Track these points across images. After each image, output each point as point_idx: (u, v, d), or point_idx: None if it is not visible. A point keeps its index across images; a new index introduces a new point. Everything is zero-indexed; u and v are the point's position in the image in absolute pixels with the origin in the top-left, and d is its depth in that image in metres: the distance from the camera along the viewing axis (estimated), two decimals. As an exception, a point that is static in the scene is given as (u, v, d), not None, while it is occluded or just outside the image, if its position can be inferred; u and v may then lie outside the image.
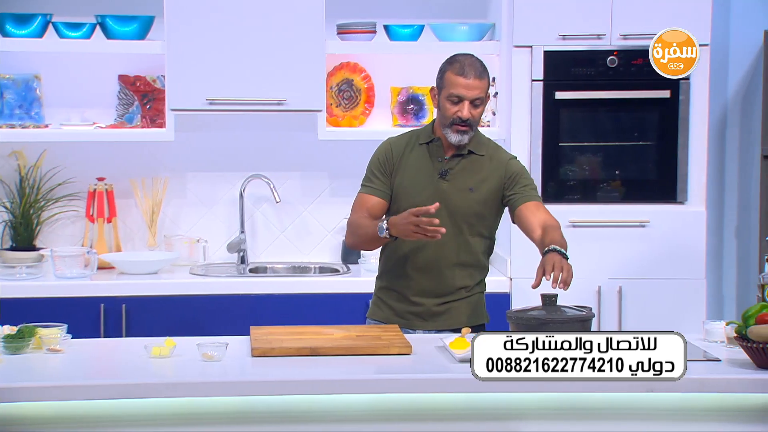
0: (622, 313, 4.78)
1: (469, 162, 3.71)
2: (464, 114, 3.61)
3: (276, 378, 3.08)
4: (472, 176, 3.69)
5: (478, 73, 3.62)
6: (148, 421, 3.07)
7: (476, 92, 3.61)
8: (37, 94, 5.02)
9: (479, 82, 3.61)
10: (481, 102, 3.64)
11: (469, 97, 3.61)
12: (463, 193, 3.68)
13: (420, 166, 3.71)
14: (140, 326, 4.57)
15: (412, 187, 3.70)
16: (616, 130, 4.89)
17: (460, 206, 3.67)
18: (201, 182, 5.18)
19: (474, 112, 3.63)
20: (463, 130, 3.64)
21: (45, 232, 5.08)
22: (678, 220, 4.82)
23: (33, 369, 3.17)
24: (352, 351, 3.30)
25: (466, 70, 3.62)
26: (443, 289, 3.72)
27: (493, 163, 3.71)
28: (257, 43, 4.78)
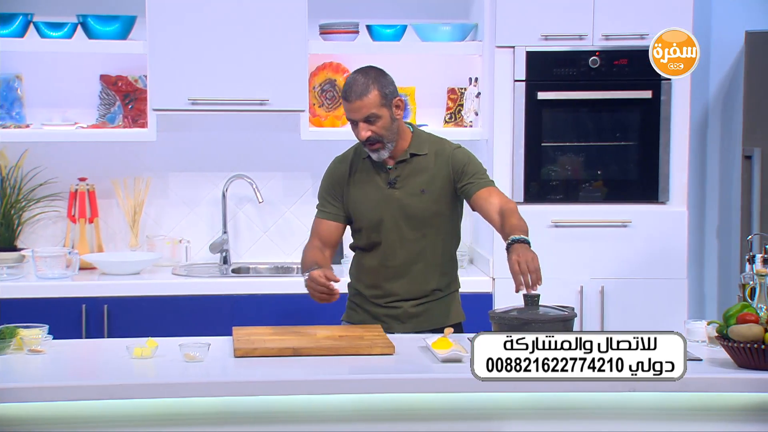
0: (604, 312, 4.79)
1: (414, 164, 3.68)
2: (361, 135, 3.60)
3: (258, 378, 3.08)
4: (421, 178, 3.68)
5: (358, 94, 3.56)
6: (131, 422, 3.06)
7: (363, 111, 3.56)
8: (18, 94, 5.00)
9: (361, 101, 3.55)
10: (376, 116, 3.57)
11: (358, 119, 3.58)
12: (415, 196, 3.67)
13: (368, 180, 3.71)
14: (122, 327, 4.55)
15: (365, 202, 3.70)
16: (598, 131, 4.90)
17: (417, 210, 3.67)
18: (183, 182, 5.17)
19: (373, 128, 3.57)
20: (375, 147, 3.61)
21: (26, 233, 5.06)
22: (659, 220, 4.84)
23: (14, 370, 3.16)
24: (334, 351, 3.30)
25: (347, 93, 3.59)
26: (417, 292, 3.72)
27: (438, 160, 3.68)
28: (240, 42, 4.78)
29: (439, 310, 3.76)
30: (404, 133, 3.69)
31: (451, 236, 3.78)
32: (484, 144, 5.00)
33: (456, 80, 5.18)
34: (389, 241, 3.68)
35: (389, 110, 3.60)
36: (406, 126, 3.74)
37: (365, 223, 3.71)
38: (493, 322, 3.28)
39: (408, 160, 3.68)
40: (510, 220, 3.53)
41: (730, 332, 3.16)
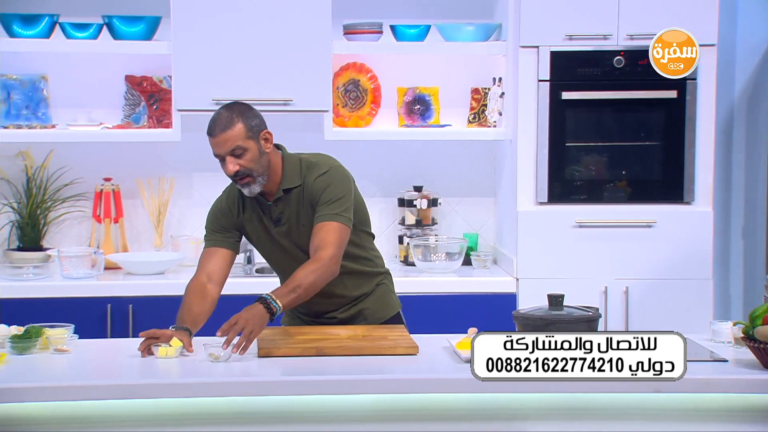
0: (628, 313, 4.77)
1: (291, 198, 3.56)
2: (228, 170, 3.46)
3: (281, 378, 3.08)
4: (299, 211, 3.56)
5: (222, 127, 3.44)
6: (155, 422, 3.07)
7: (228, 145, 3.43)
8: (44, 95, 5.03)
9: (224, 134, 3.43)
10: (243, 149, 3.45)
11: (223, 153, 3.45)
12: (299, 231, 3.57)
13: (255, 219, 3.61)
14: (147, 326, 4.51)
15: (259, 239, 3.63)
16: (623, 131, 4.88)
17: (303, 242, 3.55)
18: (207, 182, 5.18)
19: (241, 161, 3.45)
20: (245, 182, 3.49)
21: (52, 233, 5.09)
22: (685, 220, 4.81)
23: (40, 369, 3.17)
24: (357, 351, 3.30)
25: (211, 128, 3.47)
26: (342, 302, 3.67)
27: (305, 191, 3.55)
28: (264, 43, 4.79)
29: (372, 307, 3.71)
30: (276, 166, 3.54)
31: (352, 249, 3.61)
32: (508, 144, 4.99)
33: (480, 80, 5.18)
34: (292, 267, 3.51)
35: (256, 143, 3.47)
36: (278, 157, 3.57)
37: (264, 257, 3.70)
38: (517, 323, 3.27)
39: (282, 197, 3.56)
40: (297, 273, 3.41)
41: (756, 333, 3.14)
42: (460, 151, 5.27)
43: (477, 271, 4.96)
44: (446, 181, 5.27)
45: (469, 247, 5.06)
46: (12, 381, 3.03)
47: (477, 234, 5.26)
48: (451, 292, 4.75)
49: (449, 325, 4.36)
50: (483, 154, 5.28)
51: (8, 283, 4.61)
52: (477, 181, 5.30)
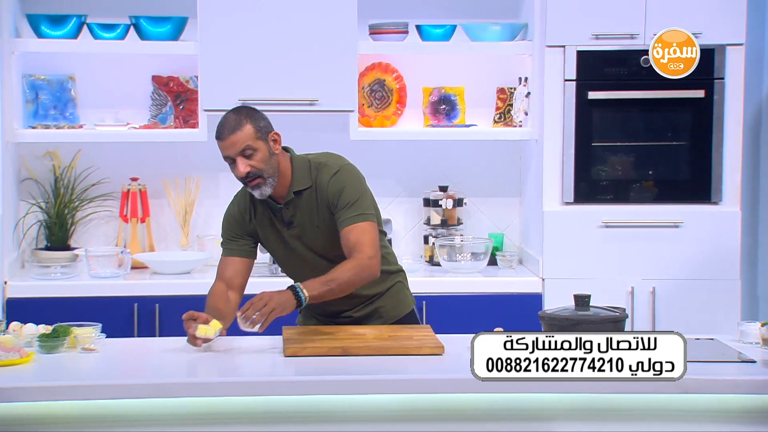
0: (655, 314, 4.75)
1: (302, 201, 3.55)
2: (239, 171, 3.47)
3: (308, 378, 3.09)
4: (311, 213, 3.55)
5: (231, 129, 3.46)
6: (181, 420, 3.09)
7: (238, 146, 3.45)
8: (71, 95, 5.06)
9: (234, 136, 3.45)
10: (253, 150, 3.46)
11: (234, 154, 3.46)
12: (312, 233, 3.56)
13: (267, 223, 3.62)
14: (173, 326, 4.56)
15: (269, 242, 3.64)
16: (650, 130, 4.86)
17: (319, 244, 3.57)
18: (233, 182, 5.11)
19: (252, 162, 3.46)
20: (255, 183, 3.50)
21: (79, 232, 5.12)
22: (712, 220, 4.78)
23: (67, 368, 3.19)
24: (383, 351, 3.30)
25: (219, 131, 3.49)
26: (357, 300, 3.66)
27: (318, 192, 3.55)
28: (289, 43, 4.79)
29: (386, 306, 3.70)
30: (285, 169, 3.55)
31: None
32: (534, 144, 4.97)
33: (506, 80, 5.17)
34: (305, 274, 3.51)
35: (266, 144, 3.48)
36: (286, 159, 3.59)
37: (278, 261, 3.73)
38: (543, 323, 3.26)
39: (293, 199, 3.55)
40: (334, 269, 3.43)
41: (784, 334, 3.12)
42: (485, 151, 5.26)
43: (502, 272, 4.95)
44: (472, 181, 5.26)
45: (495, 247, 5.05)
46: (40, 380, 3.05)
47: (502, 234, 5.25)
48: (476, 293, 4.75)
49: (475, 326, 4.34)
50: (509, 154, 5.27)
51: (36, 282, 4.64)
52: (502, 181, 5.29)
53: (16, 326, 3.43)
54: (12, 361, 3.15)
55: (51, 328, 3.37)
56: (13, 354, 3.17)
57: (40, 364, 3.19)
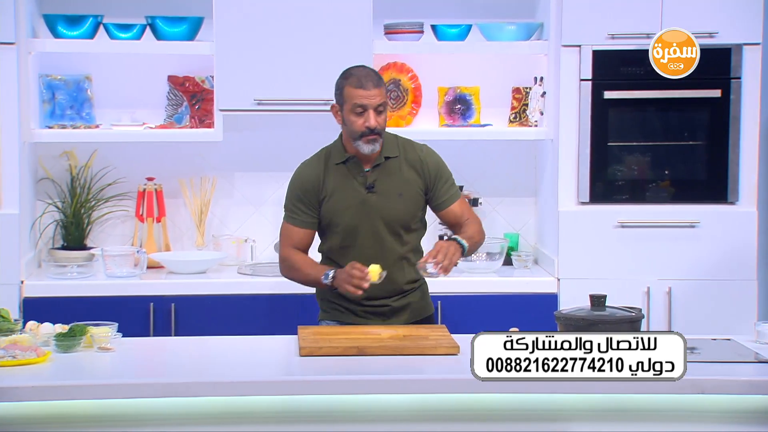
0: (671, 314, 4.74)
1: (389, 167, 3.75)
2: (372, 123, 3.65)
3: (324, 377, 3.09)
4: (396, 180, 3.74)
5: (375, 82, 3.68)
6: (197, 420, 3.09)
7: (377, 99, 3.66)
8: (88, 95, 5.07)
9: (377, 90, 3.67)
10: (384, 108, 3.69)
11: (372, 105, 3.65)
12: (392, 200, 3.73)
13: (345, 185, 3.74)
14: (189, 325, 4.60)
15: (342, 208, 3.73)
16: (666, 130, 4.85)
17: (393, 213, 3.72)
18: (249, 182, 5.21)
19: (380, 119, 3.68)
20: (373, 138, 3.68)
21: (95, 232, 5.13)
22: (729, 220, 4.77)
23: (84, 367, 3.20)
24: (399, 351, 3.30)
25: (363, 81, 3.67)
26: (393, 290, 3.76)
27: (408, 161, 3.77)
28: (305, 43, 4.80)
29: (417, 303, 3.84)
30: None
31: (420, 233, 3.87)
32: (549, 144, 4.97)
33: (521, 80, 5.16)
34: (367, 244, 3.70)
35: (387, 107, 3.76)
36: None
37: (342, 227, 3.75)
38: (558, 323, 3.26)
39: (383, 163, 3.74)
40: (465, 229, 3.79)
41: (801, 335, 3.11)
42: (500, 151, 5.25)
43: (518, 271, 4.94)
44: (487, 180, 5.25)
45: (510, 247, 5.05)
46: (57, 379, 3.06)
47: (518, 234, 5.24)
48: (491, 292, 4.74)
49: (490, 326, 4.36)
50: (524, 154, 5.26)
51: (53, 281, 4.66)
52: (518, 180, 5.28)
53: (32, 325, 3.44)
54: (29, 360, 3.16)
55: (67, 328, 3.38)
56: (29, 353, 3.18)
57: (57, 363, 3.21)
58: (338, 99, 3.75)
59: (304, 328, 3.57)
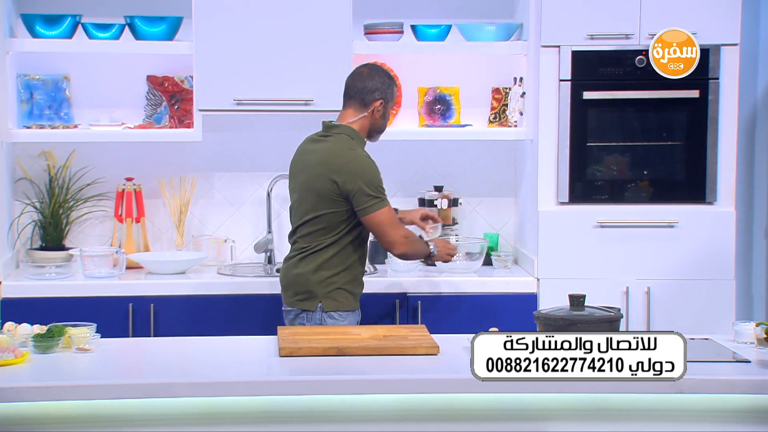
0: (650, 314, 4.76)
1: None
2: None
3: (303, 378, 3.09)
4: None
5: None
6: (176, 420, 3.09)
7: None
8: (66, 95, 5.05)
9: None
10: None
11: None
12: None
13: None
14: (168, 325, 4.59)
15: None
16: (645, 130, 4.86)
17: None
18: (228, 182, 5.20)
19: None
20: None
21: (74, 232, 5.11)
22: (707, 220, 4.79)
23: (62, 368, 3.19)
24: (379, 351, 3.30)
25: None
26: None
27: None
28: (285, 43, 4.79)
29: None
30: None
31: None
32: (529, 144, 4.98)
33: (501, 80, 5.17)
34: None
35: None
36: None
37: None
38: (538, 323, 3.26)
39: None
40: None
41: (779, 334, 3.12)
42: (480, 151, 5.26)
43: (498, 271, 4.95)
44: (467, 181, 5.26)
45: (490, 247, 5.05)
46: (35, 380, 3.05)
47: (498, 234, 5.25)
48: (471, 293, 4.75)
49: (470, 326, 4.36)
50: (504, 154, 5.27)
51: (31, 282, 4.63)
52: (498, 181, 5.29)
53: (10, 326, 3.43)
54: (7, 361, 3.15)
55: (46, 328, 3.37)
56: (7, 354, 3.17)
57: (35, 364, 3.19)
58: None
59: (284, 329, 3.57)
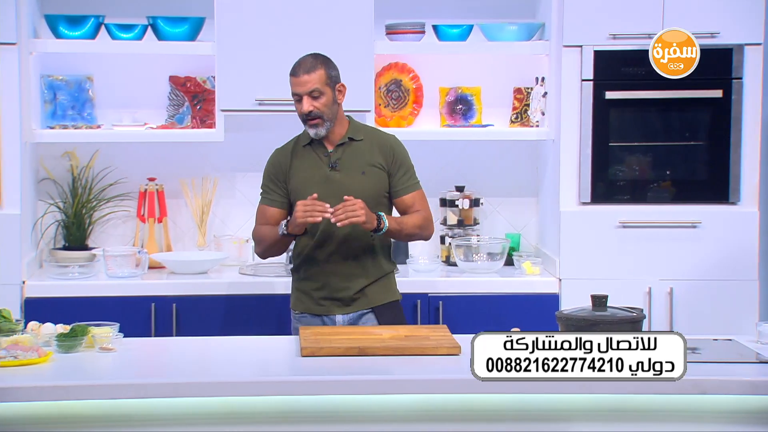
0: (672, 314, 4.74)
1: (353, 148, 3.92)
2: (303, 108, 3.83)
3: (325, 377, 3.09)
4: (360, 160, 3.90)
5: (306, 69, 3.85)
6: (199, 420, 3.10)
7: (308, 86, 3.82)
8: (89, 95, 5.07)
9: (308, 76, 3.83)
10: (320, 93, 3.84)
11: (303, 92, 3.83)
12: (355, 178, 3.88)
13: (309, 165, 3.93)
14: (190, 325, 4.60)
15: (307, 185, 3.88)
16: (667, 130, 4.85)
17: (356, 191, 3.83)
18: (250, 182, 5.20)
19: (316, 103, 3.83)
20: (314, 123, 3.86)
21: (97, 232, 5.13)
22: (730, 220, 4.77)
23: (85, 367, 3.21)
24: (400, 351, 3.30)
25: (295, 69, 3.87)
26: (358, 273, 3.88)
27: (374, 146, 3.93)
28: (306, 43, 4.79)
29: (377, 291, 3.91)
30: (343, 120, 3.95)
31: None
32: (551, 144, 4.97)
33: (522, 80, 5.16)
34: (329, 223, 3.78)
35: (332, 91, 3.87)
36: (345, 115, 3.98)
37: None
38: (560, 323, 3.26)
39: (347, 143, 3.91)
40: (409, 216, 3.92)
41: (803, 335, 3.11)
42: (502, 151, 5.25)
43: (519, 272, 4.94)
44: (488, 181, 5.25)
45: (511, 248, 5.05)
46: (58, 379, 3.06)
47: (519, 234, 5.24)
48: (493, 293, 4.74)
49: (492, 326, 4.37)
50: (525, 154, 5.26)
51: (54, 282, 4.66)
52: (519, 181, 5.28)
53: (34, 326, 3.45)
54: (30, 360, 3.16)
55: (69, 328, 3.38)
56: (31, 353, 3.18)
57: (58, 363, 3.21)
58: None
59: (306, 329, 3.57)
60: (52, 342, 3.34)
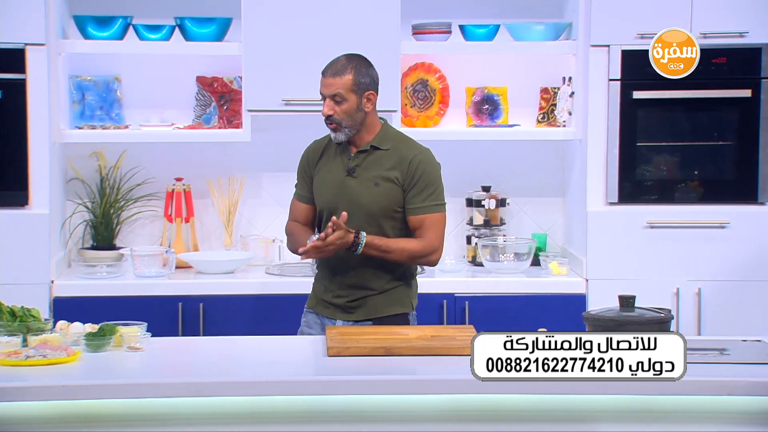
0: (701, 315, 4.71)
1: (375, 157, 3.78)
2: (324, 111, 3.73)
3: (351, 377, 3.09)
4: (377, 171, 3.77)
5: (334, 72, 3.73)
6: (225, 419, 3.10)
7: (331, 89, 3.71)
8: (117, 96, 5.10)
9: (333, 79, 3.72)
10: (343, 98, 3.71)
11: (327, 94, 3.72)
12: (368, 188, 3.76)
13: (331, 167, 3.83)
14: (217, 325, 4.62)
15: (323, 186, 3.83)
16: (695, 130, 4.82)
17: (367, 201, 3.74)
18: (276, 182, 5.22)
19: (337, 108, 3.71)
20: (332, 127, 3.76)
21: (124, 232, 5.16)
22: (759, 220, 4.74)
23: (113, 367, 3.22)
24: (426, 351, 3.30)
25: (326, 68, 3.77)
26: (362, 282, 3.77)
27: (395, 158, 3.76)
28: (333, 43, 4.79)
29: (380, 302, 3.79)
30: (372, 126, 3.79)
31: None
32: (578, 144, 4.95)
33: (549, 80, 5.14)
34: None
35: (358, 99, 3.73)
36: (379, 122, 3.82)
37: (322, 205, 3.84)
38: (587, 324, 3.24)
39: (368, 151, 3.78)
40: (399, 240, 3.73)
41: (832, 337, 3.08)
42: (528, 151, 5.24)
43: (546, 272, 4.93)
44: (515, 181, 5.24)
45: (538, 248, 5.03)
46: (86, 378, 3.08)
47: (546, 234, 5.23)
48: (519, 293, 4.73)
49: (518, 326, 4.35)
50: (552, 154, 5.25)
51: (82, 281, 4.69)
52: (546, 181, 5.27)
53: (62, 325, 3.46)
54: (59, 359, 3.18)
55: (97, 327, 3.40)
56: (59, 352, 3.20)
57: (87, 362, 3.22)
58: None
59: (332, 328, 3.58)
60: (81, 341, 3.36)
